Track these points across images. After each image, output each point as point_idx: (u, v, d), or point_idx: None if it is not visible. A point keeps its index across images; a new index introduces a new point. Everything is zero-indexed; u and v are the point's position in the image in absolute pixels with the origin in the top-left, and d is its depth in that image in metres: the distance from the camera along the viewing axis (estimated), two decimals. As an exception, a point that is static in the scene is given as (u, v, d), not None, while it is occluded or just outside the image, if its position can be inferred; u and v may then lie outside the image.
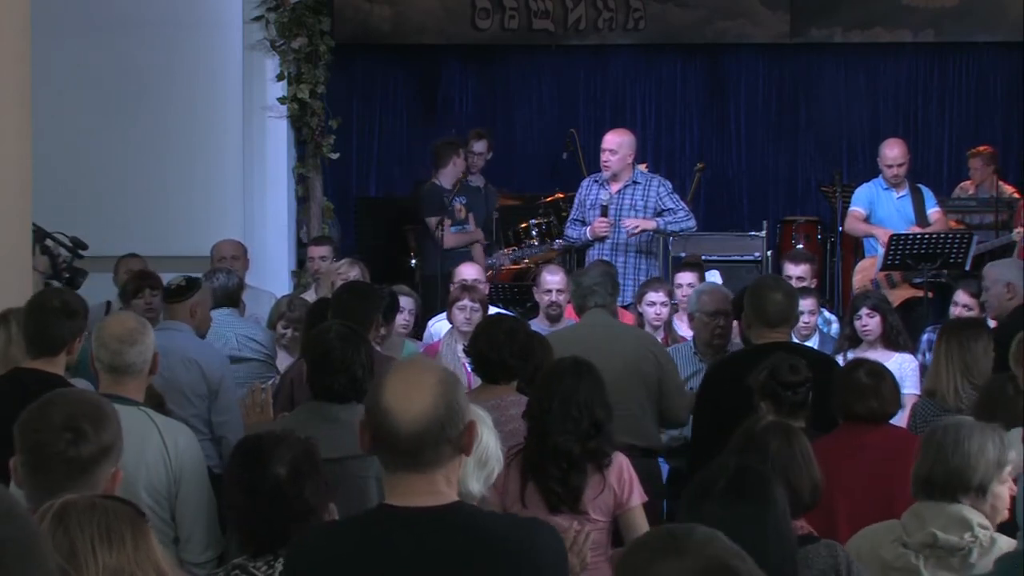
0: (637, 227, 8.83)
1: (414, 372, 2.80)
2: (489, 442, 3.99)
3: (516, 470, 4.67)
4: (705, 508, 2.95)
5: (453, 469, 2.79)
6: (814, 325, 7.52)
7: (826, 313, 8.28)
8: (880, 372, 4.96)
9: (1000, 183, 10.82)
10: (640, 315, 7.73)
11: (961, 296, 7.70)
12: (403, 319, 7.34)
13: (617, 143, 9.03)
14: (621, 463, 4.71)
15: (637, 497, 4.69)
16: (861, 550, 3.85)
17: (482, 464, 3.95)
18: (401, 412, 2.70)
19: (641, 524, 4.63)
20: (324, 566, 2.81)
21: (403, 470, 2.74)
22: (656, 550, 2.03)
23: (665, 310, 7.53)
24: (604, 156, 9.02)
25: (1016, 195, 10.79)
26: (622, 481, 4.67)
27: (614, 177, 9.00)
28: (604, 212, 8.94)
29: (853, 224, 9.68)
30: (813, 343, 7.27)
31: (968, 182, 11.34)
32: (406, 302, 7.41)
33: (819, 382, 5.09)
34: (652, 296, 7.51)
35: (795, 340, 6.42)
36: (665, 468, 6.65)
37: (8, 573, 1.40)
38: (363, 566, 2.75)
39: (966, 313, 7.53)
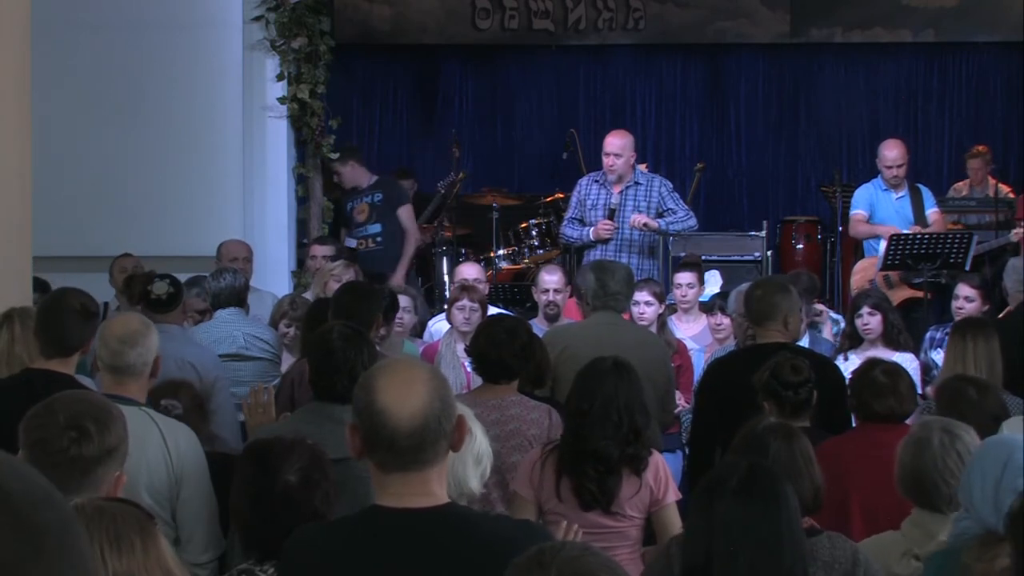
0: (645, 222, 8.82)
1: (404, 370, 2.78)
2: (481, 439, 3.99)
3: (551, 467, 4.68)
4: (717, 507, 2.95)
5: (444, 467, 2.78)
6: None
7: (832, 314, 8.30)
8: (896, 371, 4.96)
9: (998, 184, 10.82)
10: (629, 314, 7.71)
11: (963, 288, 7.72)
12: (398, 319, 7.32)
13: (620, 146, 9.02)
14: (657, 461, 4.73)
15: (672, 495, 4.71)
16: None
17: (478, 462, 3.95)
18: (398, 410, 2.67)
19: (674, 521, 4.64)
20: (318, 567, 2.79)
21: (399, 470, 2.71)
22: (523, 568, 2.09)
23: (649, 309, 7.48)
24: (608, 160, 8.99)
25: (1012, 195, 10.79)
26: (658, 479, 4.69)
27: (618, 179, 9.00)
28: (611, 215, 8.93)
29: (857, 228, 9.67)
30: (804, 343, 7.27)
31: (962, 183, 11.34)
32: (404, 301, 7.39)
33: (818, 383, 5.11)
34: (636, 295, 7.47)
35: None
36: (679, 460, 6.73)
37: (51, 559, 1.40)
38: (358, 568, 2.74)
39: (968, 305, 7.56)
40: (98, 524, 2.44)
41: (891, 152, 9.65)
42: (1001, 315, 7.61)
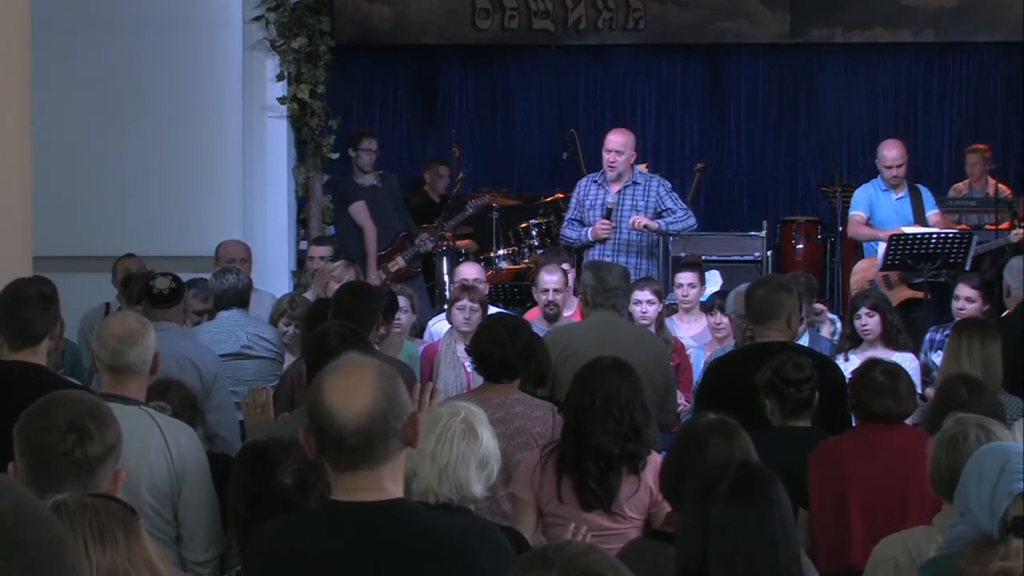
0: (644, 223, 8.82)
1: (351, 369, 2.81)
2: (489, 442, 3.96)
3: (551, 467, 4.68)
4: (711, 510, 2.95)
5: (399, 464, 2.81)
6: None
7: (828, 314, 8.31)
8: (896, 371, 4.95)
9: (997, 183, 10.82)
10: (630, 314, 7.71)
11: (963, 289, 7.72)
12: (395, 319, 7.31)
13: (622, 143, 9.03)
14: (656, 461, 4.72)
15: None
16: (899, 559, 3.74)
17: (483, 465, 3.91)
18: (344, 409, 2.72)
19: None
20: (275, 560, 2.84)
21: (349, 469, 2.76)
22: (526, 565, 2.11)
23: (652, 308, 7.49)
24: (610, 157, 9.00)
25: (1011, 195, 10.80)
26: (658, 479, 4.68)
27: (617, 177, 9.00)
28: (608, 215, 8.93)
29: (856, 229, 9.66)
30: (803, 342, 7.27)
31: (962, 183, 11.34)
32: (401, 302, 7.39)
33: (819, 383, 5.11)
34: (638, 295, 7.48)
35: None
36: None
37: (43, 573, 1.45)
38: (309, 559, 2.78)
39: (968, 306, 7.56)
40: (81, 518, 2.46)
41: (891, 152, 9.65)
42: (1004, 315, 7.59)
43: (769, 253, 10.59)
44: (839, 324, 8.11)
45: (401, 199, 10.80)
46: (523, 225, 11.18)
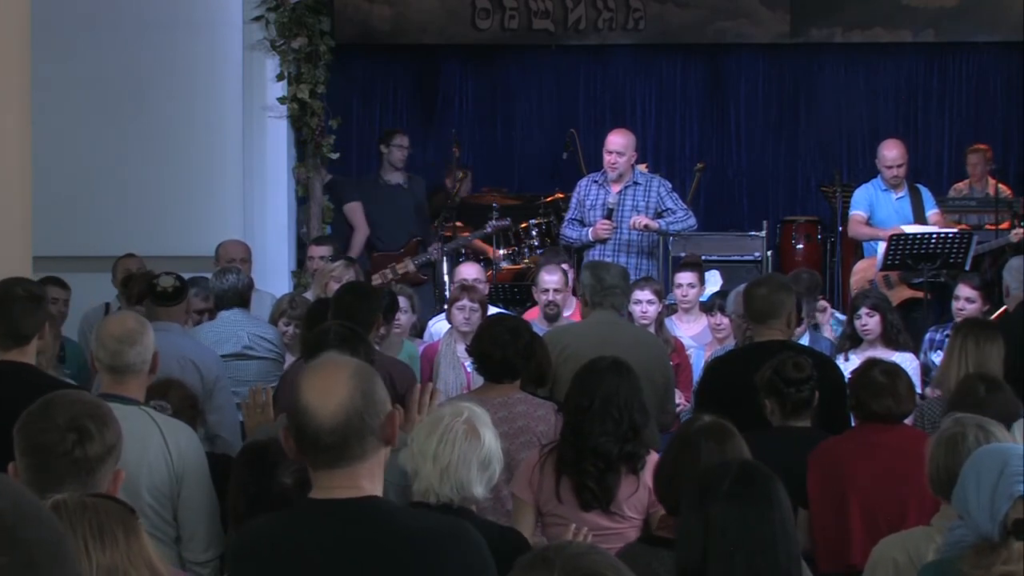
0: (645, 223, 8.83)
1: (328, 368, 2.84)
2: (491, 444, 3.95)
3: (551, 467, 4.68)
4: (711, 509, 2.94)
5: (378, 463, 2.83)
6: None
7: (837, 314, 8.31)
8: (895, 371, 4.95)
9: (998, 184, 10.82)
10: (630, 314, 7.71)
11: (963, 289, 7.73)
12: (396, 319, 7.31)
13: (623, 144, 9.03)
14: (655, 462, 4.72)
15: None
16: (898, 559, 3.75)
17: (485, 466, 3.90)
18: (320, 408, 2.74)
19: None
20: (253, 559, 2.87)
21: (326, 467, 2.78)
22: (527, 565, 2.12)
23: (652, 308, 7.49)
24: (611, 158, 9.00)
25: (1011, 195, 10.80)
26: None
27: (617, 178, 9.00)
28: (609, 215, 8.94)
29: (857, 229, 9.67)
30: (804, 342, 7.26)
31: (962, 183, 11.35)
32: (401, 302, 7.39)
33: (819, 383, 5.11)
34: (638, 294, 7.48)
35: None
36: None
37: (40, 574, 1.47)
38: (285, 557, 2.81)
39: (969, 306, 7.57)
40: (81, 518, 2.47)
41: (891, 152, 9.66)
42: (995, 315, 7.59)
43: (769, 253, 10.59)
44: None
45: (425, 204, 10.77)
46: (523, 225, 11.18)
